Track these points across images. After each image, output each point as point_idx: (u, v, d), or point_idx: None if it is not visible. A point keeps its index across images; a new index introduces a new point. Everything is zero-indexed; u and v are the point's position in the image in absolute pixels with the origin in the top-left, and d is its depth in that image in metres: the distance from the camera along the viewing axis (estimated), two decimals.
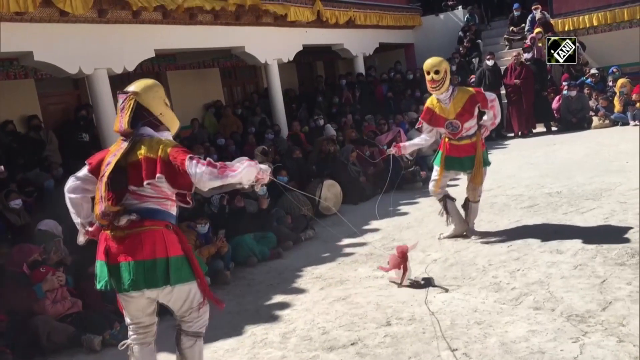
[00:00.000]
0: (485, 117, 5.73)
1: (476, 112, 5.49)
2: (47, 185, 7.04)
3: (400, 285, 4.77)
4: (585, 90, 12.08)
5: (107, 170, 2.94)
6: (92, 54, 7.24)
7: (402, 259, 4.73)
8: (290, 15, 10.52)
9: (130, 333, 3.23)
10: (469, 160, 5.60)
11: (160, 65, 10.98)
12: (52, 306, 4.66)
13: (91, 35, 7.21)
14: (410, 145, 6.01)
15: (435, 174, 5.81)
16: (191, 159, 2.83)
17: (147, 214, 2.96)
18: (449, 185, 6.09)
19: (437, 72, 5.32)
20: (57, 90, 9.66)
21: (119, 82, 9.04)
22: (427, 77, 5.42)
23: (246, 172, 2.86)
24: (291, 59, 11.51)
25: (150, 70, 10.69)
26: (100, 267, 3.02)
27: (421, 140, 5.92)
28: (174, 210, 3.10)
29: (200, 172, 2.78)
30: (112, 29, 7.48)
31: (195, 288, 3.09)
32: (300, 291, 5.16)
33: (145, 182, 2.91)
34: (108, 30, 7.43)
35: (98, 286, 3.03)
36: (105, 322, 4.61)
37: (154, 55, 8.33)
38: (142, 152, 2.93)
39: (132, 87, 3.06)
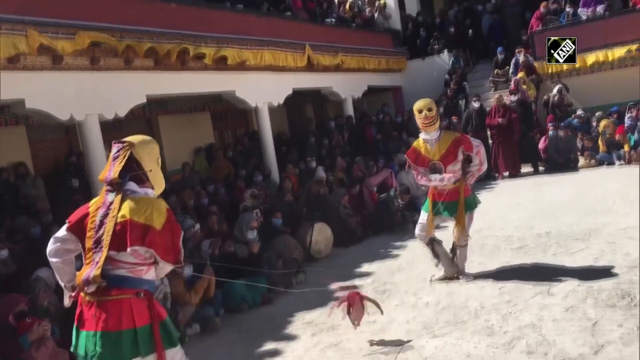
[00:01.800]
0: (472, 164, 5.80)
1: (460, 156, 5.56)
2: (34, 232, 6.95)
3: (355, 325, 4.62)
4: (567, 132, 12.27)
5: (104, 231, 2.79)
6: (83, 101, 7.29)
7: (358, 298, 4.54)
8: (280, 61, 10.75)
9: None
10: (453, 205, 5.64)
11: (151, 110, 11.04)
12: (38, 354, 4.54)
13: (83, 82, 7.29)
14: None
15: (422, 219, 5.86)
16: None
17: (116, 282, 2.82)
18: (437, 228, 6.11)
19: (430, 110, 5.47)
20: (48, 136, 9.68)
21: (110, 127, 9.12)
22: (420, 115, 5.51)
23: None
24: (281, 102, 11.65)
25: (141, 115, 10.78)
26: (74, 331, 2.92)
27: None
28: (150, 275, 2.96)
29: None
30: (104, 76, 7.58)
31: (173, 353, 2.95)
32: (291, 338, 5.10)
33: (129, 248, 2.78)
34: (100, 78, 7.52)
35: (71, 348, 2.93)
36: None
37: (145, 101, 8.40)
38: (126, 213, 2.82)
39: (129, 139, 3.00)
